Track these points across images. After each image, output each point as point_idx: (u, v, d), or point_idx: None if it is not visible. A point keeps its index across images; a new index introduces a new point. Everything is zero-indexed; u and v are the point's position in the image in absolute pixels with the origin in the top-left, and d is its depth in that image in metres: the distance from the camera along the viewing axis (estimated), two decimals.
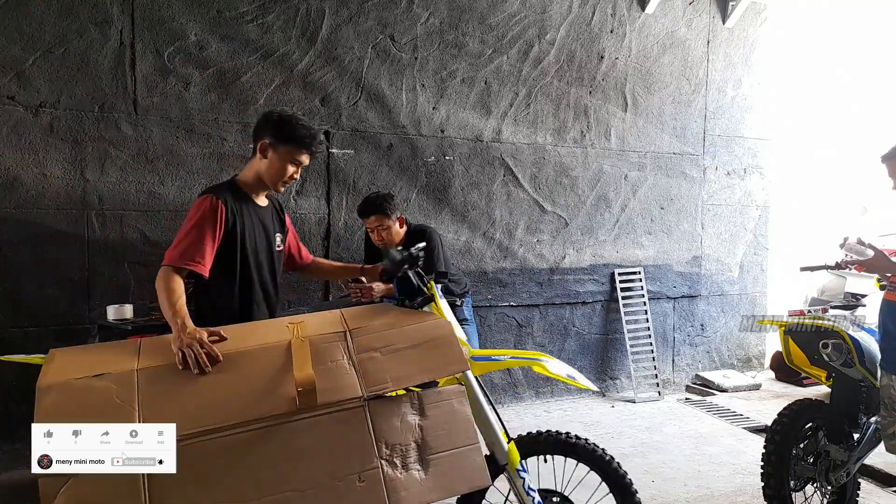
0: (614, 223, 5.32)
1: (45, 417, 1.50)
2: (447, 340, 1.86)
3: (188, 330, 1.78)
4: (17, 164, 3.68)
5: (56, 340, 3.77)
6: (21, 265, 3.70)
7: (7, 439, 3.64)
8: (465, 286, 3.95)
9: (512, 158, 4.93)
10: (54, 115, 3.75)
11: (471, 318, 4.00)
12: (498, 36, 4.80)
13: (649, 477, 3.56)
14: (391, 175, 4.58)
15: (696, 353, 5.71)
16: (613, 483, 2.37)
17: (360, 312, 2.02)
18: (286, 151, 2.23)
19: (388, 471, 1.63)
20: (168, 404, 1.59)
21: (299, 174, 2.33)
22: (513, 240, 4.98)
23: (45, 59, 3.71)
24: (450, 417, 1.76)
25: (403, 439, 1.68)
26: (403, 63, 4.56)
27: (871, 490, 3.42)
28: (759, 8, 5.63)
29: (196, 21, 4.02)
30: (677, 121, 5.46)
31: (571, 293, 5.20)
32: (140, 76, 3.92)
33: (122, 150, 3.90)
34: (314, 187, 4.38)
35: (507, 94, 4.88)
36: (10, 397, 3.67)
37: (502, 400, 4.94)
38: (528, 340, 5.07)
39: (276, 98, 4.22)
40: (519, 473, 2.19)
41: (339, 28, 4.36)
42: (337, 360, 1.74)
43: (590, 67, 5.12)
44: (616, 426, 4.56)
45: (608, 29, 5.15)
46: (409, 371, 1.76)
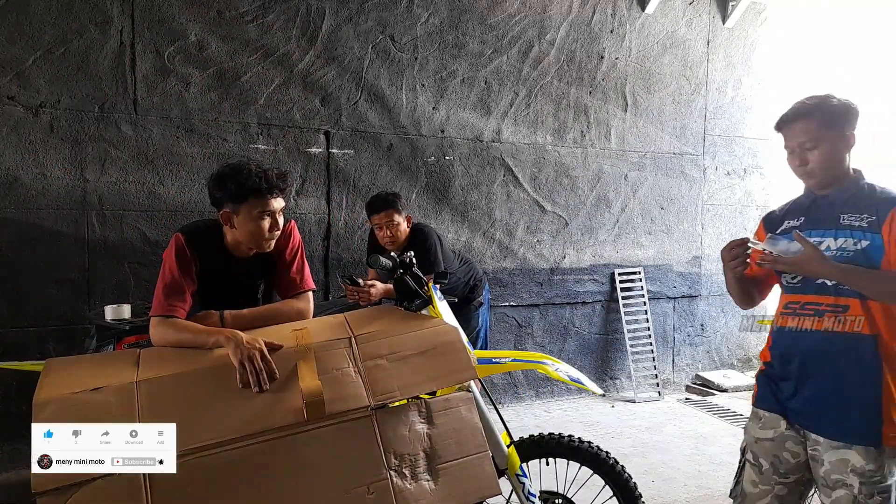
0: (614, 223, 5.32)
1: None
2: (454, 347, 1.82)
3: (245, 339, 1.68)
4: (17, 164, 3.68)
5: (56, 340, 3.77)
6: (21, 265, 3.70)
7: (7, 439, 3.63)
8: (473, 280, 3.90)
9: (512, 158, 4.93)
10: (54, 115, 3.74)
11: (483, 323, 3.98)
12: (498, 36, 4.80)
13: (649, 477, 3.56)
14: (391, 175, 4.57)
15: (696, 353, 5.72)
16: (616, 485, 2.37)
17: (364, 316, 1.98)
18: (249, 209, 1.96)
19: (397, 481, 1.59)
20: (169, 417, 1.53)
21: (281, 221, 2.04)
22: (513, 240, 4.98)
23: (45, 59, 3.70)
24: (458, 425, 1.73)
25: (412, 449, 1.64)
26: (403, 63, 4.55)
27: None
28: (759, 8, 5.62)
29: (196, 21, 4.01)
30: (677, 121, 5.46)
31: (571, 293, 5.20)
32: (140, 76, 3.91)
33: (122, 150, 3.89)
34: (314, 187, 4.38)
35: (507, 94, 4.87)
36: (10, 397, 3.66)
37: (502, 400, 4.94)
38: (528, 340, 5.07)
39: (276, 98, 4.21)
40: (519, 478, 2.19)
41: (339, 28, 4.36)
42: (342, 368, 1.70)
43: (590, 67, 5.11)
44: (616, 426, 4.56)
45: (608, 29, 5.15)
46: (417, 379, 1.72)
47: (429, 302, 2.20)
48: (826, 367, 1.81)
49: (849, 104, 1.85)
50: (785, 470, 1.89)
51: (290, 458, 1.55)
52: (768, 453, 1.92)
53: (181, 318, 1.89)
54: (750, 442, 1.99)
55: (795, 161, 1.90)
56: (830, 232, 1.83)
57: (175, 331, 1.84)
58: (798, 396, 1.87)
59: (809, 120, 1.84)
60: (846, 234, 1.79)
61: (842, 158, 1.85)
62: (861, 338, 1.76)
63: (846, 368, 1.78)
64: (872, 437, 1.73)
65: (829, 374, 1.80)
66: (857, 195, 1.83)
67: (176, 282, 1.94)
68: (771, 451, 1.91)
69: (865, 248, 1.75)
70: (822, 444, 1.79)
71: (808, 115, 1.85)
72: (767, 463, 1.92)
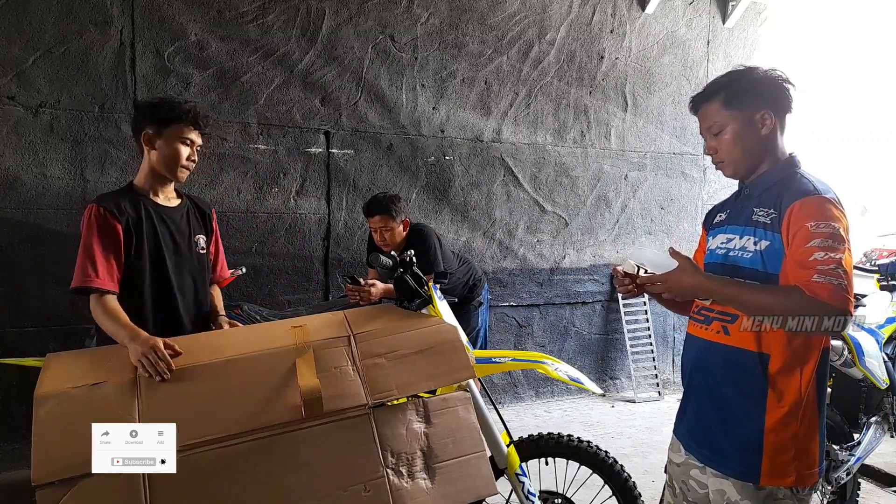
0: (614, 223, 5.32)
1: (43, 428, 1.48)
2: (453, 346, 1.82)
3: (140, 338, 1.73)
4: (17, 164, 3.68)
5: (56, 340, 3.76)
6: (21, 265, 3.70)
7: (7, 439, 3.63)
8: (472, 280, 3.91)
9: (512, 158, 4.93)
10: (54, 115, 3.74)
11: (483, 323, 3.98)
12: (498, 36, 4.80)
13: (649, 477, 3.56)
14: (391, 175, 4.58)
15: None
16: (616, 485, 2.37)
17: (364, 314, 1.98)
18: (172, 133, 2.10)
19: (394, 480, 1.59)
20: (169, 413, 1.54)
21: (196, 156, 2.19)
22: (513, 240, 4.98)
23: (45, 59, 3.70)
24: (456, 425, 1.73)
25: (409, 447, 1.65)
26: (403, 63, 4.55)
27: (871, 490, 3.42)
28: (759, 8, 5.62)
29: (196, 21, 4.01)
30: (677, 121, 5.46)
31: (571, 293, 5.20)
32: (140, 76, 3.91)
33: (122, 150, 3.89)
34: (314, 187, 4.38)
35: (507, 94, 4.87)
36: (11, 398, 3.66)
37: (502, 400, 4.94)
38: (528, 340, 5.07)
39: (276, 98, 4.21)
40: (518, 478, 2.19)
41: (339, 28, 4.36)
42: (341, 366, 1.70)
43: (590, 67, 5.11)
44: (616, 426, 4.56)
45: (608, 29, 5.15)
46: (415, 378, 1.73)
47: (429, 301, 2.21)
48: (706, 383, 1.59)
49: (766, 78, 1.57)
50: (693, 499, 1.69)
51: (287, 455, 1.55)
52: (678, 478, 1.73)
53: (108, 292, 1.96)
54: (667, 461, 1.80)
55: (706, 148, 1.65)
56: (739, 229, 1.57)
57: (103, 314, 1.92)
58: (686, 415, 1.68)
59: (713, 101, 1.60)
60: (751, 231, 1.54)
61: (755, 144, 1.56)
62: (745, 354, 1.51)
63: (728, 387, 1.54)
64: (750, 472, 1.49)
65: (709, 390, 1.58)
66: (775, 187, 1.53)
67: (90, 251, 1.99)
68: (679, 476, 1.72)
69: (764, 251, 1.49)
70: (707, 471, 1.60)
71: (713, 95, 1.60)
72: (678, 487, 1.74)
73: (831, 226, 1.39)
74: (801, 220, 1.42)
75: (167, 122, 2.10)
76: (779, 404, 1.48)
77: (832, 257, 1.36)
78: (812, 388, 1.49)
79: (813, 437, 1.51)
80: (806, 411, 1.49)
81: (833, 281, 1.35)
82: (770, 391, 1.49)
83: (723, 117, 1.58)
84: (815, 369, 1.50)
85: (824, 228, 1.39)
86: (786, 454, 1.48)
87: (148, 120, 2.11)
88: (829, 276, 1.35)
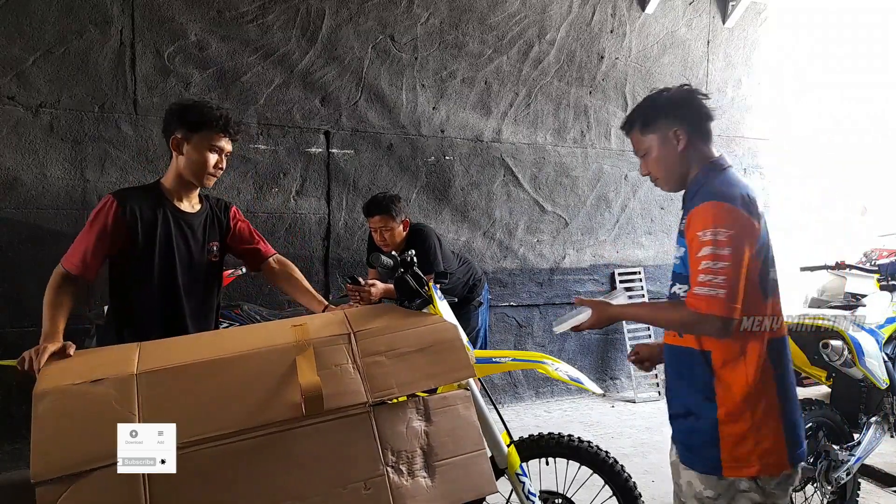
0: (614, 223, 5.32)
1: (42, 424, 1.47)
2: (453, 345, 1.82)
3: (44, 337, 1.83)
4: (17, 164, 3.68)
5: None
6: (21, 265, 3.70)
7: (7, 439, 3.63)
8: (472, 280, 3.92)
9: (512, 158, 4.93)
10: (54, 115, 3.74)
11: (483, 323, 3.98)
12: (498, 36, 4.80)
13: (649, 477, 3.56)
14: (391, 175, 4.58)
15: None
16: (616, 485, 2.37)
17: (364, 313, 1.98)
18: (201, 139, 2.08)
19: (394, 478, 1.59)
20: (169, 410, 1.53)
21: (224, 163, 2.17)
22: (513, 240, 4.98)
23: (45, 59, 3.70)
24: (456, 423, 1.73)
25: (409, 446, 1.64)
26: (403, 63, 4.56)
27: (871, 490, 3.42)
28: (759, 8, 5.62)
29: (196, 21, 4.01)
30: None
31: (572, 293, 5.19)
32: (140, 76, 3.91)
33: (122, 150, 3.89)
34: (314, 187, 4.38)
35: (507, 95, 4.87)
36: (11, 398, 3.66)
37: (502, 400, 4.94)
38: (528, 340, 5.07)
39: (276, 98, 4.22)
40: (519, 478, 2.18)
41: (339, 28, 4.36)
42: (341, 364, 1.70)
43: (590, 67, 5.12)
44: (616, 426, 4.56)
45: (608, 29, 5.15)
46: (415, 376, 1.72)
47: (429, 301, 2.21)
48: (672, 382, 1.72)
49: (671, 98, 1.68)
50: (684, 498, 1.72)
51: (287, 453, 1.55)
52: (674, 477, 1.78)
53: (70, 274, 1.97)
54: None
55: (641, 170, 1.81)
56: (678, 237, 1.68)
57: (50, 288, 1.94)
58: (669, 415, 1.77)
59: (634, 128, 1.74)
60: (678, 240, 1.66)
61: (676, 159, 1.69)
62: (692, 353, 1.62)
63: (684, 385, 1.66)
64: (713, 465, 1.57)
65: (674, 389, 1.71)
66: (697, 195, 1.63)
67: (81, 239, 2.01)
68: (674, 475, 1.77)
69: (682, 257, 1.60)
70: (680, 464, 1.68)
71: (633, 123, 1.74)
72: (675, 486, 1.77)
73: (717, 232, 1.48)
74: (693, 230, 1.53)
75: (197, 127, 2.08)
76: (728, 396, 1.57)
77: (711, 267, 1.47)
78: (762, 377, 1.55)
79: (771, 425, 1.55)
80: (760, 401, 1.55)
81: (711, 292, 1.47)
82: (717, 385, 1.58)
83: (644, 142, 1.73)
84: (761, 359, 1.56)
85: (709, 236, 1.48)
86: (744, 445, 1.55)
87: (178, 123, 2.08)
88: (707, 288, 1.47)
